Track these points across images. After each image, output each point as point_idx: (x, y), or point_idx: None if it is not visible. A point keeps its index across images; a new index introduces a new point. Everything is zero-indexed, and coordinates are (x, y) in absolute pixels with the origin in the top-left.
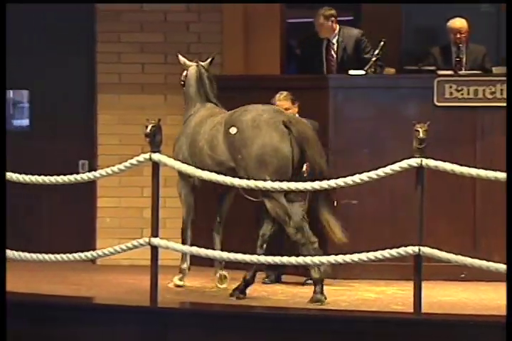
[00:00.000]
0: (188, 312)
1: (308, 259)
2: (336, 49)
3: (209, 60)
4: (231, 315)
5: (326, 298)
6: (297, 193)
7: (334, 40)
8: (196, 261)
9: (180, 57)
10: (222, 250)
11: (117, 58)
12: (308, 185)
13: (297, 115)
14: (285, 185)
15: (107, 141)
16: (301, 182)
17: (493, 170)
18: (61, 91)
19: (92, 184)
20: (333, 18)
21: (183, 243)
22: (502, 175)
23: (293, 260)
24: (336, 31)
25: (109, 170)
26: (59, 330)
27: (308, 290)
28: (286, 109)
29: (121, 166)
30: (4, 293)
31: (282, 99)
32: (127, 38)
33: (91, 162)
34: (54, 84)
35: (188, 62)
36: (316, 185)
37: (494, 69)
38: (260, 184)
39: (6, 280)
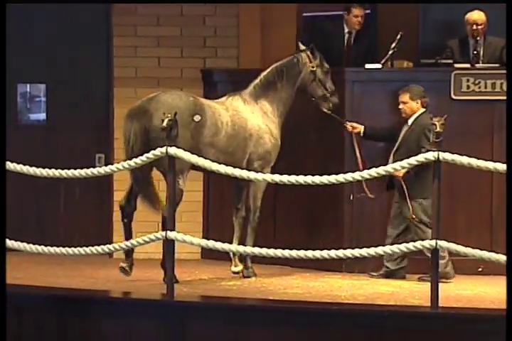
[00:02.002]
0: (205, 305)
1: (325, 253)
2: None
3: None
4: (247, 309)
5: None
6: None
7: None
8: (211, 254)
9: None
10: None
11: (134, 52)
12: (324, 179)
13: (416, 112)
14: (302, 179)
15: None
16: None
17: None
18: (78, 85)
19: (108, 178)
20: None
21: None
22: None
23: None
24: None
25: (125, 163)
26: (76, 323)
27: (324, 284)
28: (403, 103)
29: (138, 160)
30: (4, 292)
31: (401, 92)
32: (143, 32)
33: (107, 156)
34: (71, 78)
35: None
36: (333, 178)
37: None
38: (276, 177)
39: (5, 280)
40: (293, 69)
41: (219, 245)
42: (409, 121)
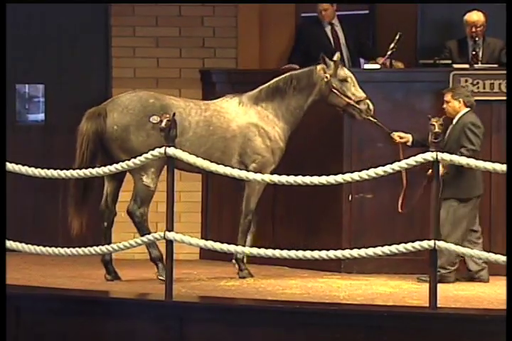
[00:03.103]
0: (203, 305)
1: (323, 254)
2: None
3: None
4: (246, 309)
5: None
6: None
7: (337, 23)
8: (210, 254)
9: None
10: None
11: (132, 52)
12: (323, 179)
13: (459, 112)
14: (301, 180)
15: None
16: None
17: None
18: (76, 86)
19: None
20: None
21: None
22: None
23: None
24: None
25: (124, 164)
26: (74, 324)
27: (323, 284)
28: (446, 102)
29: (137, 160)
30: (4, 292)
31: (445, 91)
32: (142, 33)
33: None
34: (69, 78)
35: None
36: (332, 179)
37: None
38: (275, 178)
39: (5, 278)
40: (306, 81)
41: (217, 245)
42: (454, 121)
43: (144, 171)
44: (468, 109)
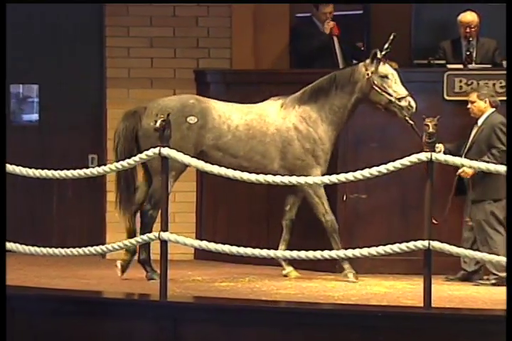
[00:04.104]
0: (198, 306)
1: (318, 254)
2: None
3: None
4: (240, 309)
5: None
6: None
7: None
8: (204, 255)
9: None
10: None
11: (126, 53)
12: (318, 179)
13: (485, 112)
14: (295, 180)
15: None
16: (311, 177)
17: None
18: (71, 86)
19: (101, 178)
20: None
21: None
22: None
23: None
24: None
25: (118, 164)
26: (69, 324)
27: (317, 284)
28: (471, 102)
29: (131, 160)
30: (4, 292)
31: (471, 91)
32: (136, 33)
33: (100, 156)
34: (63, 78)
35: None
36: (326, 179)
37: (505, 63)
38: (269, 178)
39: (5, 280)
40: (348, 78)
41: (212, 246)
42: (480, 122)
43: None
44: (493, 109)
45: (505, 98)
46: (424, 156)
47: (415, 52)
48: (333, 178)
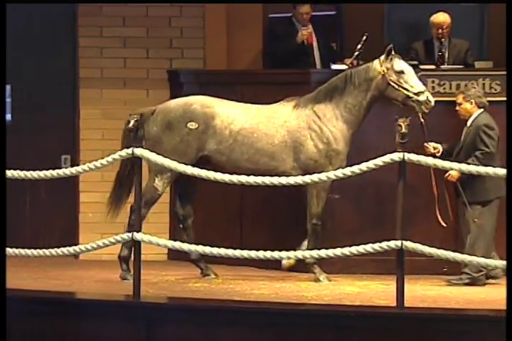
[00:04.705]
0: (171, 306)
1: (291, 254)
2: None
3: None
4: (214, 310)
5: None
6: None
7: (310, 26)
8: (178, 255)
9: None
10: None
11: (99, 53)
12: (291, 180)
13: (472, 113)
14: (268, 180)
15: (90, 136)
16: (288, 178)
17: (475, 164)
18: (43, 86)
19: (74, 179)
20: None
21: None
22: (484, 169)
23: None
24: None
25: (91, 165)
26: (41, 325)
27: (291, 285)
28: (458, 104)
29: (104, 161)
30: (4, 292)
31: (457, 93)
32: (109, 33)
33: (73, 157)
34: (36, 78)
35: None
36: (299, 179)
37: (476, 64)
38: (243, 178)
39: (6, 280)
40: (363, 75)
41: (185, 246)
42: (468, 123)
43: (160, 173)
44: (481, 110)
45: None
46: (396, 156)
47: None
48: (307, 179)
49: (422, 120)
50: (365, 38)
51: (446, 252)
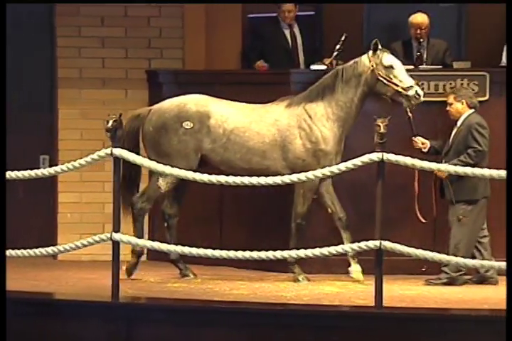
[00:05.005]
0: (150, 307)
1: (270, 254)
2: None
3: None
4: (193, 310)
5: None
6: None
7: (295, 26)
8: (157, 256)
9: None
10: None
11: (78, 53)
12: (270, 180)
13: (463, 114)
14: (247, 180)
15: (68, 136)
16: (263, 178)
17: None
18: (22, 86)
19: (52, 179)
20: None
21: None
22: (461, 169)
23: (254, 255)
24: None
25: (70, 165)
26: (19, 326)
27: (270, 285)
28: (449, 104)
29: (82, 161)
30: (4, 292)
31: (448, 93)
32: (88, 33)
33: (52, 157)
34: (15, 78)
35: None
36: (279, 179)
37: (455, 64)
38: (222, 178)
39: (6, 280)
40: (352, 72)
41: (165, 246)
42: (458, 123)
43: (165, 174)
44: (472, 110)
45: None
46: (375, 156)
47: (367, 52)
48: (285, 178)
49: (410, 114)
50: (344, 38)
51: (424, 252)
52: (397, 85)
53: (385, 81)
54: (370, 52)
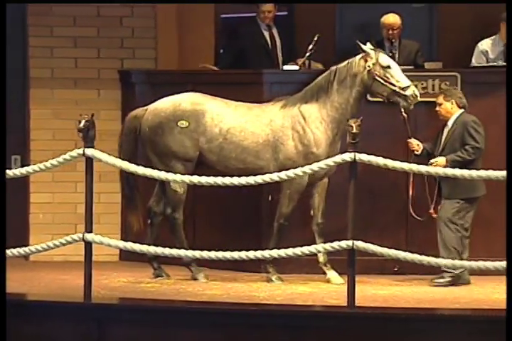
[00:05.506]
0: (123, 307)
1: (243, 254)
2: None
3: None
4: (166, 310)
5: None
6: None
7: (274, 26)
8: (130, 256)
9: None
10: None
11: (50, 53)
12: (243, 180)
13: (453, 114)
14: (221, 181)
15: (40, 136)
16: (236, 178)
17: (425, 164)
18: None
19: (24, 179)
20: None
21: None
22: (434, 170)
23: (227, 255)
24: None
25: (42, 165)
26: None
27: (243, 285)
28: (438, 104)
29: (55, 161)
30: (4, 293)
31: (437, 94)
32: (60, 33)
33: (24, 157)
34: None
35: None
36: (251, 179)
37: (426, 65)
38: (194, 178)
39: (6, 280)
40: (346, 72)
41: (137, 247)
42: (450, 123)
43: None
44: (462, 110)
45: (426, 99)
46: (348, 157)
47: (339, 53)
48: (259, 179)
49: (405, 115)
50: (316, 38)
51: (396, 251)
52: (394, 85)
53: (382, 81)
54: (370, 51)
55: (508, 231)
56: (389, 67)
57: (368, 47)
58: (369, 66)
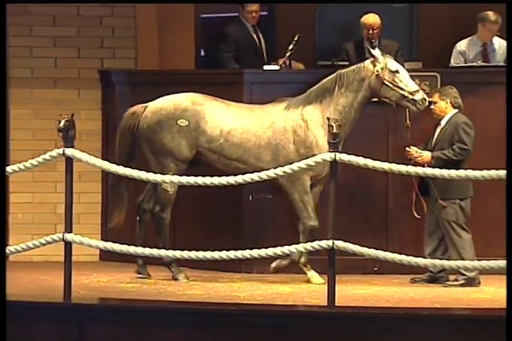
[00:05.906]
0: (103, 307)
1: (223, 254)
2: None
3: None
4: (146, 310)
5: None
6: None
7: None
8: (110, 256)
9: None
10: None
11: (29, 52)
12: (223, 180)
13: (447, 113)
14: (201, 180)
15: (20, 136)
16: (220, 178)
17: (405, 164)
18: None
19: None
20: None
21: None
22: (413, 169)
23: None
24: None
25: (21, 165)
26: None
27: (223, 285)
28: (433, 103)
29: (34, 161)
30: (4, 293)
31: (432, 92)
32: (39, 32)
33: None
34: None
35: None
36: (232, 179)
37: (406, 65)
38: (175, 178)
39: (6, 280)
40: (354, 76)
41: (117, 247)
42: (443, 122)
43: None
44: (456, 110)
45: None
46: (328, 156)
47: (319, 53)
48: (239, 179)
49: (408, 122)
50: (297, 38)
51: (376, 251)
52: (404, 90)
53: (391, 85)
54: (377, 57)
55: (508, 231)
56: (397, 71)
57: (376, 51)
58: (378, 71)
